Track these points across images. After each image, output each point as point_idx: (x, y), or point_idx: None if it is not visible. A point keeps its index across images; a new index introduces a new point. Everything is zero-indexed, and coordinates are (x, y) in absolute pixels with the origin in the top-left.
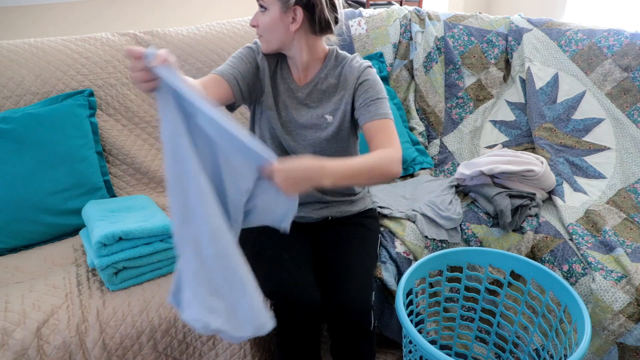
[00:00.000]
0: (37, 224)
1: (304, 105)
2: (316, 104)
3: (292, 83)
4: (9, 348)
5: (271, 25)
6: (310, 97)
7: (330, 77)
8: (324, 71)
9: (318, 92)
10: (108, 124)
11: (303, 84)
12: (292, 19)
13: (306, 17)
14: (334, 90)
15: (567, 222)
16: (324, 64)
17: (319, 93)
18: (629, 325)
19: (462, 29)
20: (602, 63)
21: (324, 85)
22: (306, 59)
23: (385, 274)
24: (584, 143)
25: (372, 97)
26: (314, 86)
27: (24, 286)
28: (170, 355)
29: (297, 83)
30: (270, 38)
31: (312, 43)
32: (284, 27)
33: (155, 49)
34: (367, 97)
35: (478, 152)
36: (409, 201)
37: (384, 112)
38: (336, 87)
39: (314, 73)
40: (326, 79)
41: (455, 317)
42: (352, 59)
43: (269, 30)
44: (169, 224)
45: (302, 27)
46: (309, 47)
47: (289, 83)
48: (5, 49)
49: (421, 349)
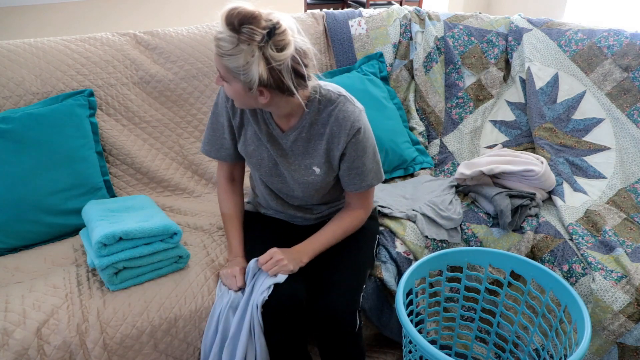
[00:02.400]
0: (37, 224)
1: (290, 153)
2: (302, 154)
3: (274, 129)
4: (9, 348)
5: (237, 95)
6: (295, 146)
7: (315, 125)
8: (307, 118)
9: (303, 140)
10: (108, 124)
11: (286, 129)
12: (260, 94)
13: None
14: (320, 139)
15: (567, 222)
16: (306, 112)
17: (303, 142)
18: (629, 325)
19: (462, 29)
20: (602, 63)
21: (308, 133)
22: (287, 110)
23: (385, 274)
24: (584, 143)
25: (360, 166)
26: (298, 134)
27: (24, 286)
28: (171, 355)
29: (280, 129)
30: (239, 103)
31: (287, 99)
32: (252, 99)
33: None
34: (354, 166)
35: (478, 152)
36: (409, 201)
37: (369, 183)
38: (322, 136)
39: (296, 120)
40: (311, 127)
41: (455, 317)
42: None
43: (236, 98)
44: (169, 224)
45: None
46: (286, 103)
47: (272, 130)
48: (5, 49)
49: (421, 349)
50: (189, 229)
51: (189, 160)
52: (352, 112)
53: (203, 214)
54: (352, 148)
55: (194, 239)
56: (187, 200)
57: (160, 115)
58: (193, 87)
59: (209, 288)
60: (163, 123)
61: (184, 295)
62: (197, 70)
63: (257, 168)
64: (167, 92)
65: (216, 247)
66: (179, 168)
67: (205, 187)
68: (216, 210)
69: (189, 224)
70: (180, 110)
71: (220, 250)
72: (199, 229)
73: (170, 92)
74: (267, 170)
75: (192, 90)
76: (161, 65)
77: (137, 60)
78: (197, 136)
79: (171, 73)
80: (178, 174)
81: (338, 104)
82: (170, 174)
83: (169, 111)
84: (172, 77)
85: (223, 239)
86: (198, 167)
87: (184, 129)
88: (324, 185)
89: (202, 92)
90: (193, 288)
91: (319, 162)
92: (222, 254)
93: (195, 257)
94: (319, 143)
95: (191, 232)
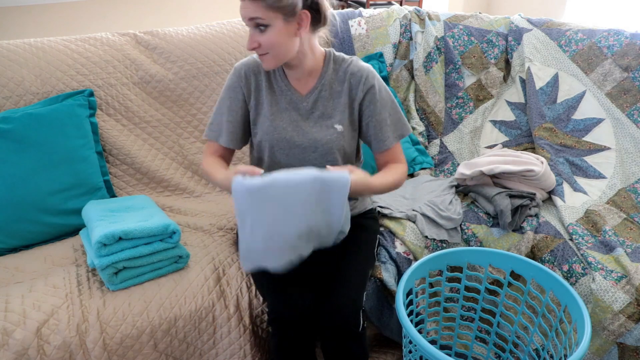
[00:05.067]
0: (37, 224)
1: (310, 115)
2: (323, 114)
3: (294, 94)
4: (9, 348)
5: (277, 39)
6: (316, 106)
7: (333, 83)
8: (326, 76)
9: (323, 99)
10: (108, 124)
11: (305, 92)
12: (298, 24)
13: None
14: (339, 96)
15: (567, 222)
16: (324, 69)
17: (324, 100)
18: (629, 325)
19: (462, 29)
20: (602, 63)
21: (328, 92)
22: (311, 63)
23: (385, 274)
24: (584, 143)
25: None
26: (319, 93)
27: (24, 286)
28: (171, 354)
29: (300, 93)
30: (277, 53)
31: (313, 44)
32: (289, 36)
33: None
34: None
35: (478, 152)
36: (409, 201)
37: (395, 134)
38: (340, 93)
39: (315, 79)
40: (330, 86)
41: (455, 317)
42: (353, 63)
43: (275, 46)
44: (167, 223)
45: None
46: (312, 48)
47: (291, 95)
48: (5, 49)
49: (421, 349)
50: (189, 229)
51: (189, 160)
52: (366, 67)
53: (203, 214)
54: (370, 100)
55: (194, 239)
56: (187, 200)
57: (160, 115)
58: (193, 87)
59: (209, 288)
60: (163, 123)
61: (184, 295)
62: (197, 70)
63: (274, 144)
64: (167, 92)
65: (216, 247)
66: (179, 168)
67: (205, 187)
68: (216, 211)
69: (189, 224)
70: (180, 110)
71: (221, 250)
72: (199, 229)
73: (170, 92)
74: (285, 144)
75: (192, 90)
76: (161, 65)
77: (137, 60)
78: (197, 136)
79: (171, 73)
80: (178, 174)
81: (352, 62)
82: (170, 174)
83: (169, 111)
84: (172, 77)
85: (223, 239)
86: (198, 167)
87: (184, 129)
88: (344, 144)
89: (202, 92)
90: (193, 288)
91: (341, 119)
92: (222, 253)
93: (195, 257)
94: (339, 99)
95: (191, 232)
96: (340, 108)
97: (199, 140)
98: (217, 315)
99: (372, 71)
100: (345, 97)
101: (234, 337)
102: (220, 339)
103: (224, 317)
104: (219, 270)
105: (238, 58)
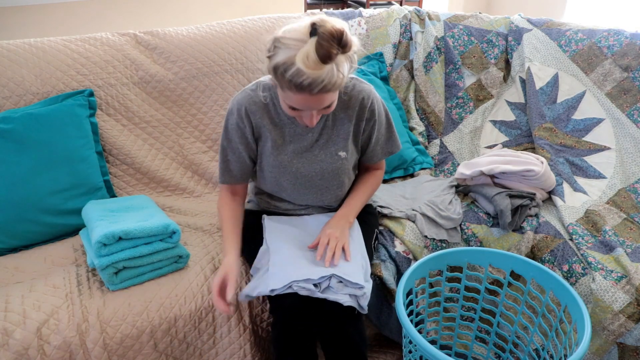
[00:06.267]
0: (37, 224)
1: (315, 144)
2: (327, 143)
3: (298, 126)
4: (9, 348)
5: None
6: (321, 136)
7: (337, 111)
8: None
9: (328, 128)
10: (108, 124)
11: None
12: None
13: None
14: (342, 124)
15: (567, 222)
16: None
17: (329, 129)
18: (629, 325)
19: (462, 29)
20: (602, 63)
21: (331, 120)
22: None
23: (385, 273)
24: (584, 143)
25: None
26: (324, 123)
27: (24, 286)
28: (171, 354)
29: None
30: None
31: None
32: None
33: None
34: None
35: (478, 152)
36: (409, 201)
37: (384, 151)
38: (344, 120)
39: None
40: (334, 113)
41: (455, 317)
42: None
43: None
44: (167, 222)
45: None
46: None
47: (295, 127)
48: (5, 49)
49: (421, 349)
50: (189, 229)
51: (189, 160)
52: (367, 90)
53: (203, 214)
54: (370, 124)
55: (194, 239)
56: (187, 200)
57: (160, 115)
58: (193, 87)
59: (209, 288)
60: (163, 123)
61: (184, 295)
62: (197, 70)
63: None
64: (167, 92)
65: (216, 247)
66: (179, 168)
67: (205, 187)
68: (216, 211)
69: (189, 224)
70: (180, 110)
71: (221, 250)
72: (199, 229)
73: (170, 92)
74: (291, 175)
75: (192, 90)
76: (161, 65)
77: (137, 60)
78: (197, 136)
79: (171, 73)
80: (178, 174)
81: (354, 86)
82: (170, 174)
83: (169, 111)
84: (172, 77)
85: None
86: (198, 167)
87: (184, 129)
88: (349, 167)
89: (202, 92)
90: (193, 288)
91: (344, 145)
92: (222, 253)
93: (195, 257)
94: (343, 127)
95: (191, 232)
96: (343, 135)
97: (199, 140)
98: (217, 315)
99: (373, 92)
100: (349, 123)
101: (233, 336)
102: (220, 338)
103: (224, 316)
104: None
105: (238, 58)
